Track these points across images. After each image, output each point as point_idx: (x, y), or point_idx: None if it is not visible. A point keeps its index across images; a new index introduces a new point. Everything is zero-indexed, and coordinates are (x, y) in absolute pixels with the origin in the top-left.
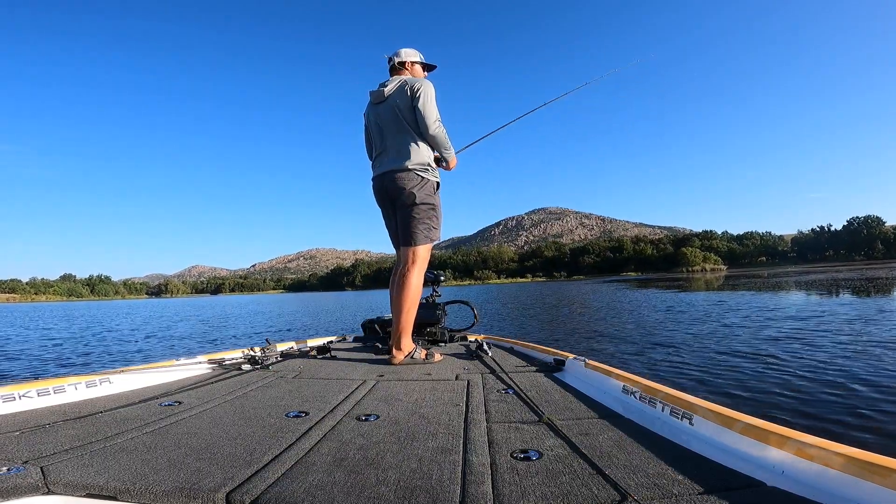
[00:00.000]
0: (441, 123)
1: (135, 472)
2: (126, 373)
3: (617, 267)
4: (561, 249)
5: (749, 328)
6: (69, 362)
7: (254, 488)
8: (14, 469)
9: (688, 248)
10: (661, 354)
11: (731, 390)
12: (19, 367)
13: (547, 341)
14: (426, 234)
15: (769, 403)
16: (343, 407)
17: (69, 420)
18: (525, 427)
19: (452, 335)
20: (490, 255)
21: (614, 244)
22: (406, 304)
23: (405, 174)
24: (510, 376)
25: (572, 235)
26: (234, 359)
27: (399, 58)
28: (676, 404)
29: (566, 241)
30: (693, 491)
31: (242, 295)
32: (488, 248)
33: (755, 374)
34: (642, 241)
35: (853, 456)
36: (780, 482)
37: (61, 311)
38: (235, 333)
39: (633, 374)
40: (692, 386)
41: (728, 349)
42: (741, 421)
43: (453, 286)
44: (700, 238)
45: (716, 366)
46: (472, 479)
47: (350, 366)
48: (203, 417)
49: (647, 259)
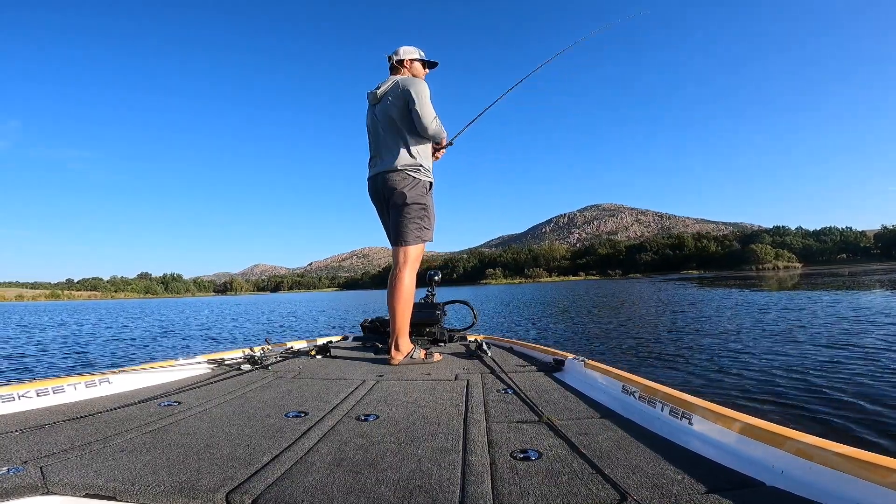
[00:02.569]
0: (438, 120)
1: (134, 473)
2: (126, 373)
3: (677, 265)
4: (616, 247)
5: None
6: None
7: (253, 488)
8: (14, 469)
9: (758, 245)
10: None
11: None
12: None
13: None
14: (417, 234)
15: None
16: (343, 407)
17: (69, 420)
18: (525, 427)
19: (452, 335)
20: (541, 252)
21: (674, 241)
22: (400, 305)
23: (396, 174)
24: (510, 376)
25: (627, 233)
26: (233, 359)
27: (398, 56)
28: (676, 404)
29: (621, 238)
30: (693, 491)
31: (300, 293)
32: (539, 245)
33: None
34: (705, 238)
35: (853, 456)
36: (780, 482)
37: (150, 307)
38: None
39: (632, 374)
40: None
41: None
42: (741, 421)
43: (503, 284)
44: (771, 234)
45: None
46: (472, 478)
47: (350, 366)
48: (203, 417)
49: (711, 256)
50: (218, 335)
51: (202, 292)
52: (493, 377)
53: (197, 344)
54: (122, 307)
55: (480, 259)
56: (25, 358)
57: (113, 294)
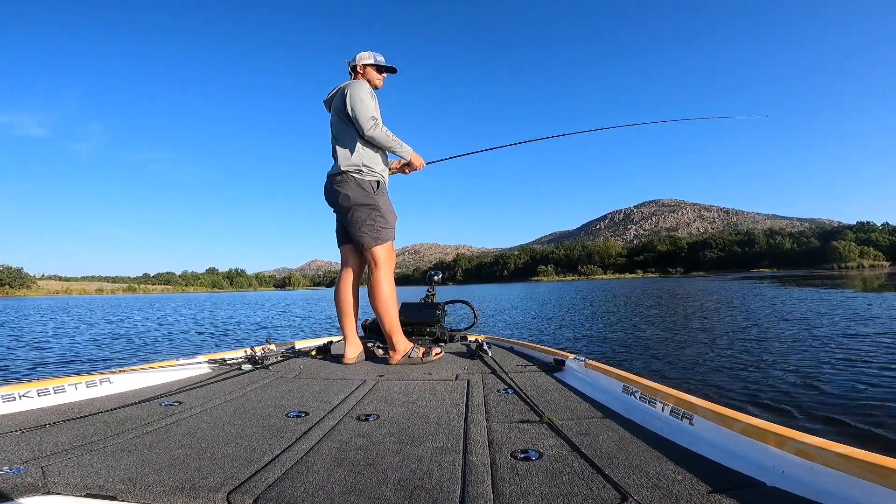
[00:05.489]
0: (379, 122)
1: (135, 472)
2: (126, 373)
3: (746, 263)
4: (677, 243)
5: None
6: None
7: (254, 488)
8: (14, 469)
9: (840, 242)
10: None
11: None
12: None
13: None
14: (373, 235)
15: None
16: (343, 407)
17: (69, 420)
18: (525, 427)
19: (452, 335)
20: (595, 249)
21: (743, 237)
22: (381, 307)
23: (339, 177)
24: (510, 376)
25: (689, 229)
26: (234, 359)
27: (353, 62)
28: (677, 404)
29: (682, 234)
30: (694, 491)
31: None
32: (593, 242)
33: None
34: (779, 234)
35: (853, 456)
36: (781, 482)
37: (218, 301)
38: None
39: (633, 374)
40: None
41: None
42: (741, 421)
43: (554, 281)
44: (854, 230)
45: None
46: (472, 478)
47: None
48: (203, 417)
49: (785, 254)
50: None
51: (263, 287)
52: (493, 377)
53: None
54: (194, 300)
55: (531, 256)
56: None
57: (183, 288)
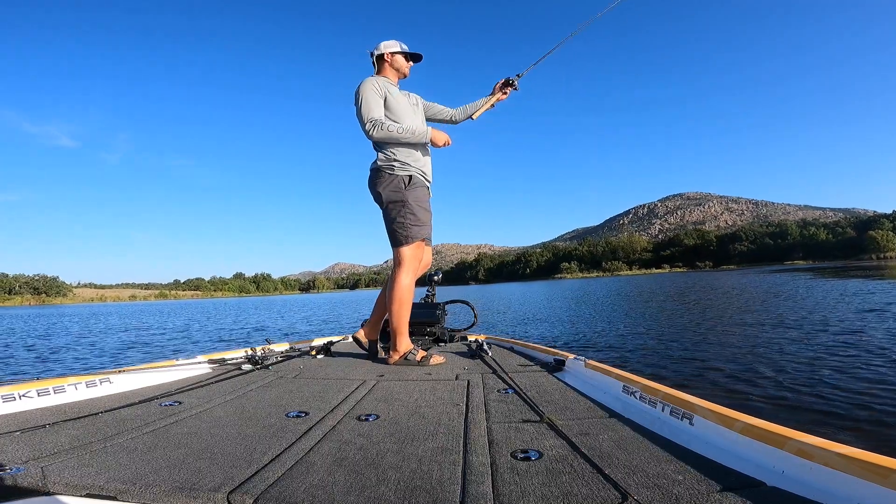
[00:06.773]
0: (379, 123)
1: (135, 473)
2: (126, 373)
3: (779, 255)
4: (705, 237)
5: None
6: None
7: (254, 488)
8: (14, 469)
9: (877, 231)
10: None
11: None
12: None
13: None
14: (403, 233)
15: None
16: (343, 407)
17: (69, 420)
18: (525, 427)
19: (453, 335)
20: (620, 245)
21: (774, 229)
22: (394, 306)
23: (375, 174)
24: (510, 376)
25: (717, 222)
26: (234, 359)
27: (378, 51)
28: (677, 404)
29: (709, 227)
30: (693, 491)
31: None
32: (617, 237)
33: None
34: (812, 225)
35: (853, 456)
36: (781, 482)
37: (245, 305)
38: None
39: (633, 374)
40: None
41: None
42: (741, 421)
43: (579, 278)
44: (891, 219)
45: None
46: (473, 478)
47: (350, 366)
48: (203, 417)
49: (820, 245)
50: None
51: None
52: (493, 377)
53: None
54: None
55: (554, 253)
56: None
57: (212, 293)
